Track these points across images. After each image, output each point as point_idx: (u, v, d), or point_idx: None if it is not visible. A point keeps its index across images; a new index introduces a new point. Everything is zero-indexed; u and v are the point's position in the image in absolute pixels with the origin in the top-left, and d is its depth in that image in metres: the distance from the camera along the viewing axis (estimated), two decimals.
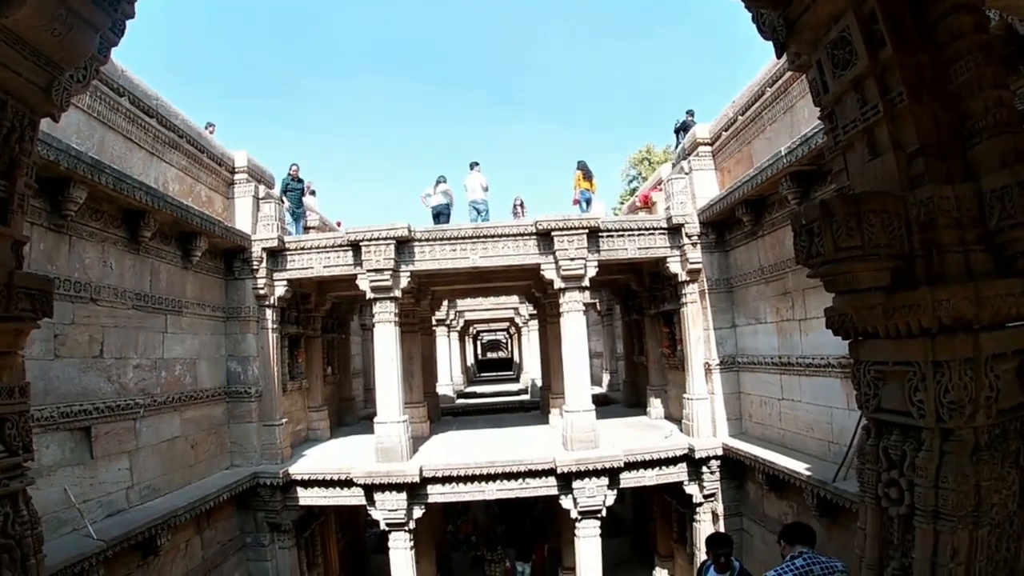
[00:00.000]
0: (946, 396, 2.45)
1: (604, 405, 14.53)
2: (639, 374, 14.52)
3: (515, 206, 14.07)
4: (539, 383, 16.61)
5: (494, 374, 37.35)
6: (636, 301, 13.63)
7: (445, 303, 20.55)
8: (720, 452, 9.40)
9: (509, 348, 41.63)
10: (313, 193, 15.23)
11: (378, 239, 9.30)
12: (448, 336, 23.97)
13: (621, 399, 15.88)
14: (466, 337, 32.60)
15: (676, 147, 12.65)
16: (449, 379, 23.06)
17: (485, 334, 42.33)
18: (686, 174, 10.40)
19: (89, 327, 6.64)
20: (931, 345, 2.48)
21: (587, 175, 13.32)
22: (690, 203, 10.10)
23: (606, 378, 20.46)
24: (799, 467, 7.21)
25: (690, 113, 13.00)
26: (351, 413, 14.54)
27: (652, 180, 14.59)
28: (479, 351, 45.14)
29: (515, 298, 22.06)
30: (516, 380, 28.73)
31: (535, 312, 17.93)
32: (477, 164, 12.62)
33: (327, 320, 13.23)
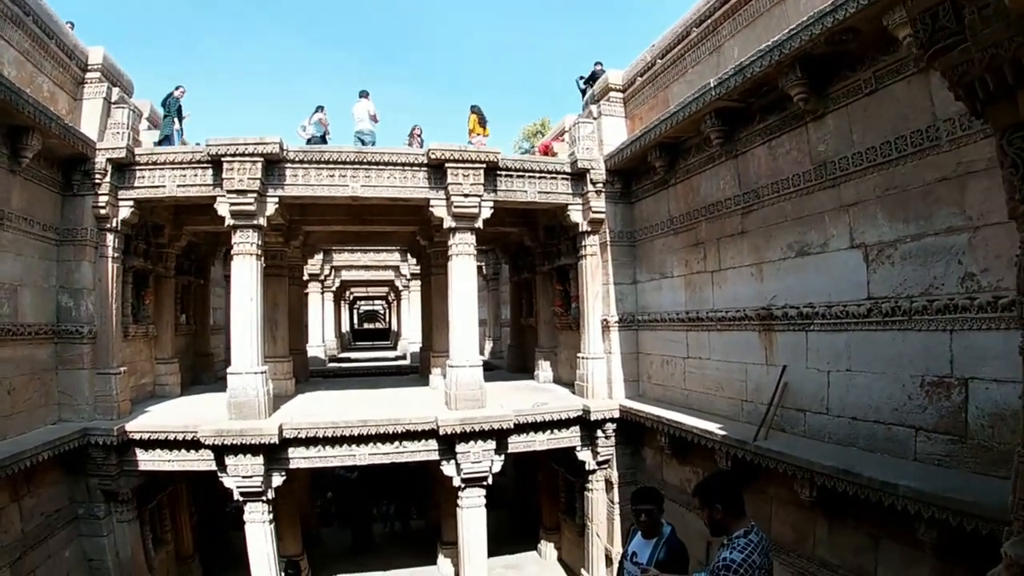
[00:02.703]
0: None
1: (488, 371, 13.65)
2: (526, 337, 13.81)
3: (412, 134, 12.63)
4: (418, 351, 15.66)
5: (370, 343, 35.66)
6: (528, 259, 12.87)
7: (320, 256, 18.93)
8: (617, 414, 8.80)
9: (387, 319, 40.13)
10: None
11: (243, 155, 7.83)
12: (322, 294, 22.23)
13: (506, 364, 15.09)
14: (342, 301, 30.90)
15: (582, 100, 11.87)
16: (321, 341, 21.46)
17: (363, 303, 40.63)
18: (594, 119, 9.70)
19: None
20: None
21: (482, 120, 12.25)
22: (596, 149, 9.40)
23: (489, 346, 19.70)
24: (712, 427, 6.63)
25: (599, 64, 12.24)
26: (208, 371, 12.65)
27: (555, 130, 13.79)
28: (356, 320, 43.21)
29: (396, 256, 20.94)
30: (393, 348, 27.47)
31: (417, 271, 16.90)
32: (367, 93, 11.23)
33: (183, 260, 11.43)
